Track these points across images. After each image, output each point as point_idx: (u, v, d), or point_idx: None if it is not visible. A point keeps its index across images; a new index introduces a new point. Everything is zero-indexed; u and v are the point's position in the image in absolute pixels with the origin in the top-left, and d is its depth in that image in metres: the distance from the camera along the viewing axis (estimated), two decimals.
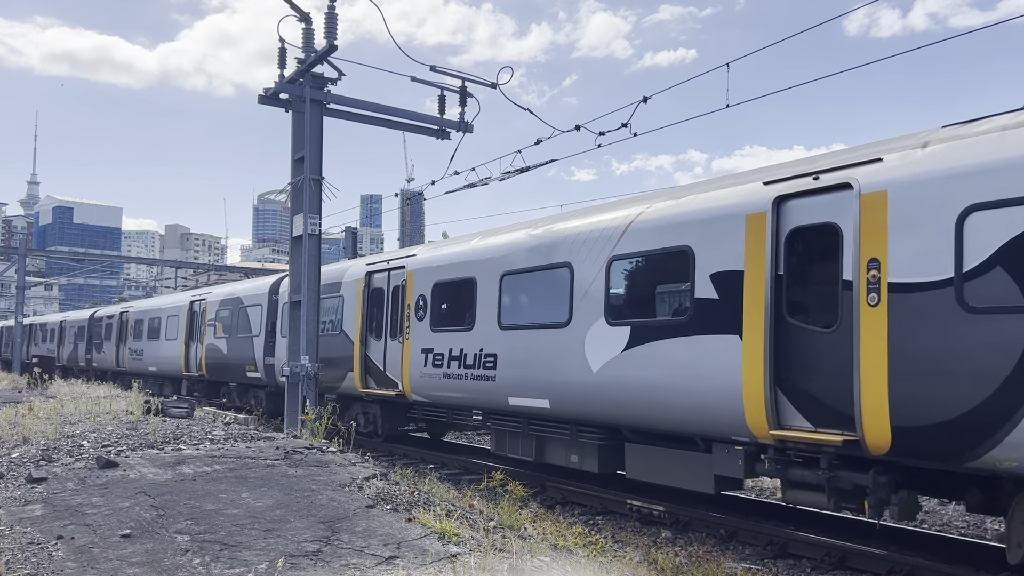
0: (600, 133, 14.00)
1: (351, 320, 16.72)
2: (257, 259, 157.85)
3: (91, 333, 37.60)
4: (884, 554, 8.30)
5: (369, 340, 16.16)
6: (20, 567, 5.21)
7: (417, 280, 14.72)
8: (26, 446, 10.05)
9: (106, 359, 35.00)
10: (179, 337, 26.91)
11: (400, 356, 14.86)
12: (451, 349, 13.44)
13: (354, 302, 16.76)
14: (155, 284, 71.10)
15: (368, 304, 16.33)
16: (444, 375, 13.56)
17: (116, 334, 33.85)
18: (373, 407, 16.60)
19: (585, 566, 5.96)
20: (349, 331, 16.82)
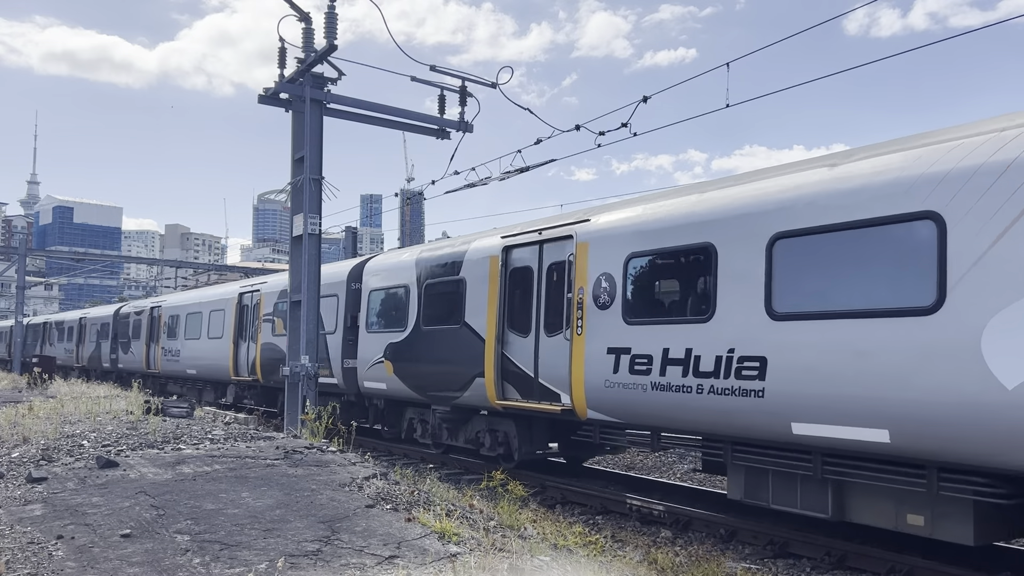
0: (600, 133, 14.01)
1: (478, 310, 13.10)
2: (257, 259, 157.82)
3: (116, 331, 33.97)
4: (884, 554, 8.30)
5: (508, 336, 12.57)
6: (20, 567, 5.22)
7: (596, 253, 10.97)
8: (26, 446, 10.05)
9: (134, 360, 31.47)
10: (225, 335, 23.31)
11: (566, 358, 11.21)
12: (667, 349, 9.68)
13: (482, 286, 13.08)
14: (155, 284, 71.09)
15: (507, 288, 12.71)
16: (654, 386, 9.77)
17: (146, 332, 30.32)
18: (504, 424, 13.23)
19: (585, 566, 5.96)
20: (476, 324, 13.11)
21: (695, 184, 10.71)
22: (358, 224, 38.42)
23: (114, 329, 34.16)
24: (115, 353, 33.81)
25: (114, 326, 34.27)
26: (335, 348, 17.46)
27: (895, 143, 8.25)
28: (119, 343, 33.48)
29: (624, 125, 13.59)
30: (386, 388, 15.62)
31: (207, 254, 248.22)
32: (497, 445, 13.45)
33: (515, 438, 13.05)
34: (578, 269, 11.22)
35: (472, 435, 14.06)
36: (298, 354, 13.22)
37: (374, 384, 16.01)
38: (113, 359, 33.95)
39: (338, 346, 17.35)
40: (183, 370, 26.70)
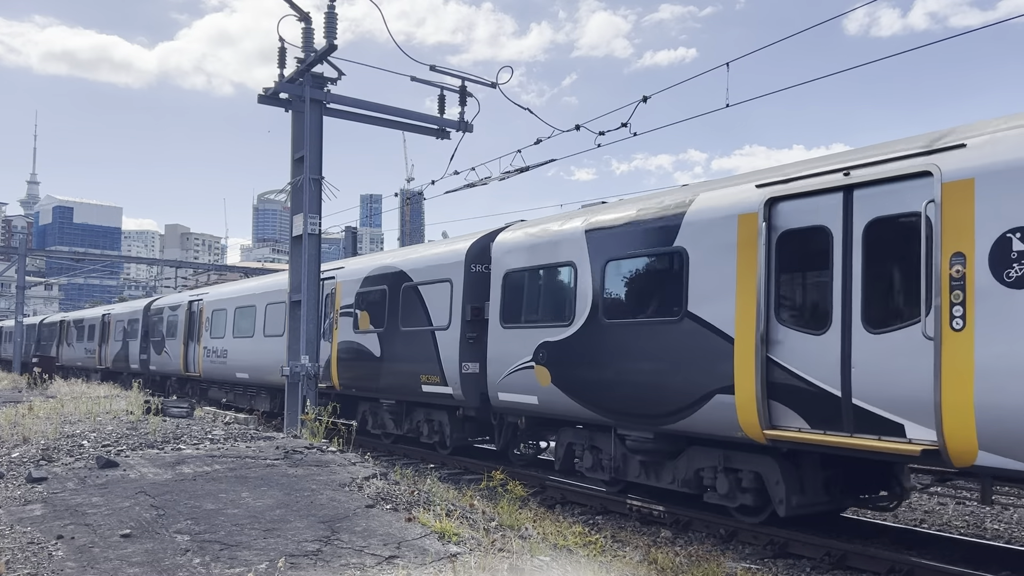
0: (600, 133, 14.01)
1: (714, 294, 9.25)
2: (257, 259, 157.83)
3: (147, 328, 30.23)
4: (884, 554, 8.30)
5: (780, 333, 8.62)
6: (20, 567, 5.22)
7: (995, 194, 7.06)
8: (26, 446, 10.05)
9: (169, 362, 27.76)
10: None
11: (925, 367, 7.40)
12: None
13: (722, 259, 9.19)
14: (155, 284, 71.09)
15: (777, 262, 8.76)
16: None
17: (184, 329, 26.64)
18: (757, 462, 9.25)
19: (585, 566, 5.96)
20: (711, 316, 9.25)
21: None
22: (358, 224, 38.41)
23: (144, 326, 30.45)
24: (145, 354, 30.28)
25: (144, 323, 30.55)
26: (448, 348, 13.93)
27: None
28: (150, 342, 30.04)
29: (624, 125, 13.60)
30: (537, 402, 11.78)
31: (207, 254, 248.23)
32: (738, 492, 9.43)
33: (779, 485, 8.94)
34: (951, 223, 7.30)
35: (689, 474, 10.05)
36: (298, 354, 13.22)
37: (515, 397, 12.24)
38: (143, 360, 30.36)
39: (453, 345, 13.82)
40: (231, 373, 22.89)
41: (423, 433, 15.42)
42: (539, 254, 12.16)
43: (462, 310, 13.73)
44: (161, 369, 28.67)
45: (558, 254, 11.72)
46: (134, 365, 31.04)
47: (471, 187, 16.34)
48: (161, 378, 29.45)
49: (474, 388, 13.61)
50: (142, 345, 30.47)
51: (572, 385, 11.15)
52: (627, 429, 10.61)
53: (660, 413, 9.80)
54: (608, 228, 10.95)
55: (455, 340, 13.79)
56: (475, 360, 13.60)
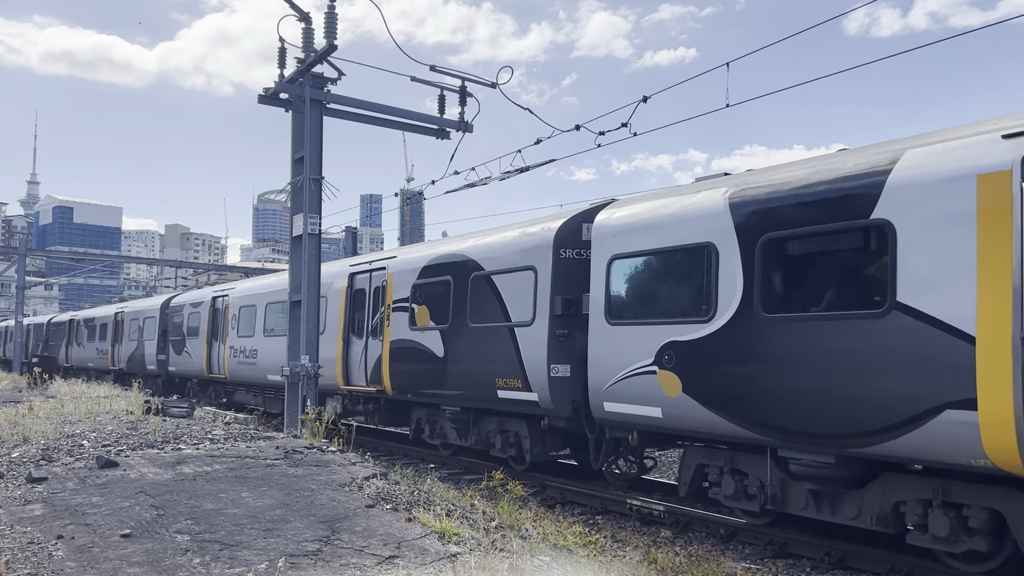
0: (600, 133, 14.01)
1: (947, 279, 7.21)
2: (257, 259, 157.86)
3: (165, 327, 28.45)
4: (884, 554, 8.30)
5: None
6: (20, 567, 5.22)
7: None
8: (26, 446, 10.06)
9: (190, 363, 26.06)
10: (330, 330, 17.53)
11: None
12: None
13: (957, 234, 7.18)
14: (155, 284, 71.11)
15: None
16: None
17: (207, 328, 24.89)
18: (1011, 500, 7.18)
19: (585, 566, 5.96)
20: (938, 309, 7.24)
21: None
22: (358, 224, 38.43)
23: (162, 325, 28.59)
24: (163, 354, 28.55)
25: (162, 322, 28.78)
26: (532, 347, 11.96)
27: None
28: (169, 342, 28.34)
29: (624, 125, 13.59)
30: (660, 416, 9.70)
31: (207, 254, 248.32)
32: (962, 533, 7.47)
33: None
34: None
35: (885, 509, 8.02)
36: (298, 354, 13.22)
37: (627, 408, 10.18)
38: (161, 361, 28.60)
39: (538, 344, 11.83)
40: (262, 376, 21.04)
41: (495, 445, 13.45)
42: (660, 234, 10.01)
43: (550, 303, 11.78)
44: (181, 370, 27.13)
45: (690, 233, 9.55)
46: (151, 366, 29.18)
47: (471, 187, 16.34)
48: (181, 380, 28.02)
49: (565, 395, 11.63)
50: (160, 345, 28.75)
51: (713, 395, 8.99)
52: (793, 451, 8.49)
53: (850, 432, 7.72)
54: (765, 199, 8.78)
55: (541, 338, 11.82)
56: (566, 362, 11.71)
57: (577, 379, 11.54)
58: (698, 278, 9.45)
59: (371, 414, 16.77)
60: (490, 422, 13.64)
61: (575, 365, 11.62)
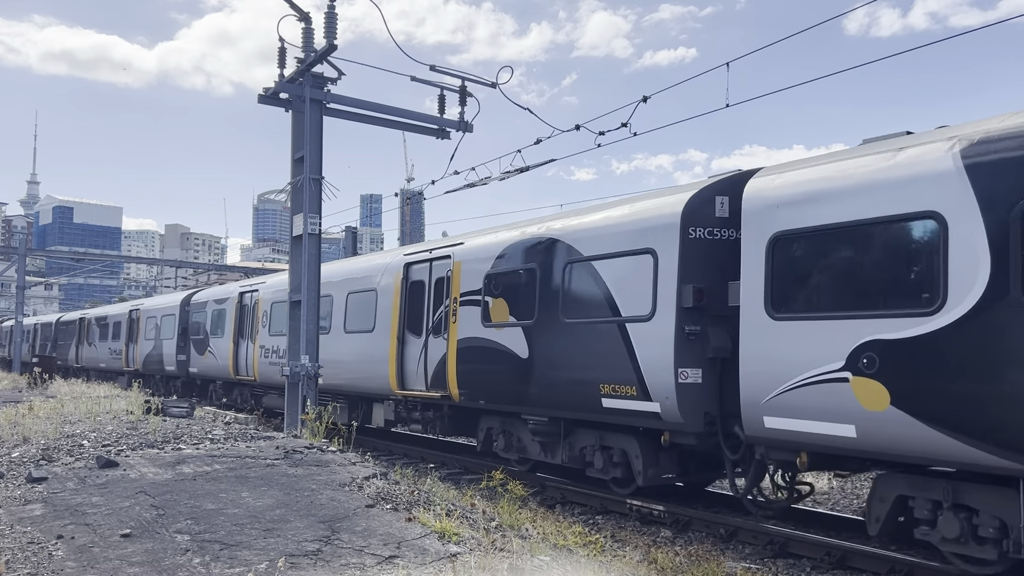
0: (600, 133, 14.02)
1: None
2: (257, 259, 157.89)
3: (185, 325, 26.73)
4: (884, 554, 8.30)
5: None
6: (20, 567, 5.22)
7: None
8: (26, 446, 10.06)
9: (214, 364, 24.13)
10: (380, 327, 15.53)
11: None
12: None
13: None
14: (155, 284, 71.13)
15: None
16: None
17: (234, 326, 23.02)
18: None
19: (585, 565, 5.96)
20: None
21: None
22: (358, 224, 38.45)
23: (182, 323, 26.60)
24: (184, 354, 26.76)
25: (182, 320, 26.99)
26: (653, 348, 9.96)
27: None
28: (190, 341, 26.59)
29: (624, 125, 13.60)
30: (854, 435, 7.76)
31: (207, 254, 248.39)
32: None
33: None
34: None
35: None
36: (298, 354, 13.22)
37: (803, 424, 8.24)
38: (181, 361, 26.81)
39: (662, 344, 9.85)
40: None
41: (593, 464, 11.41)
42: (849, 204, 8.02)
43: (677, 293, 9.72)
44: (204, 372, 25.17)
45: (898, 201, 7.64)
46: (170, 367, 27.36)
47: (471, 187, 16.35)
48: (203, 382, 26.08)
49: (697, 406, 9.64)
50: (179, 344, 26.89)
51: (939, 409, 7.12)
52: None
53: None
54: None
55: (666, 337, 9.77)
56: (697, 365, 9.69)
57: (711, 387, 9.67)
58: (915, 259, 7.59)
59: (431, 422, 14.72)
60: (587, 436, 11.53)
61: (708, 369, 9.71)
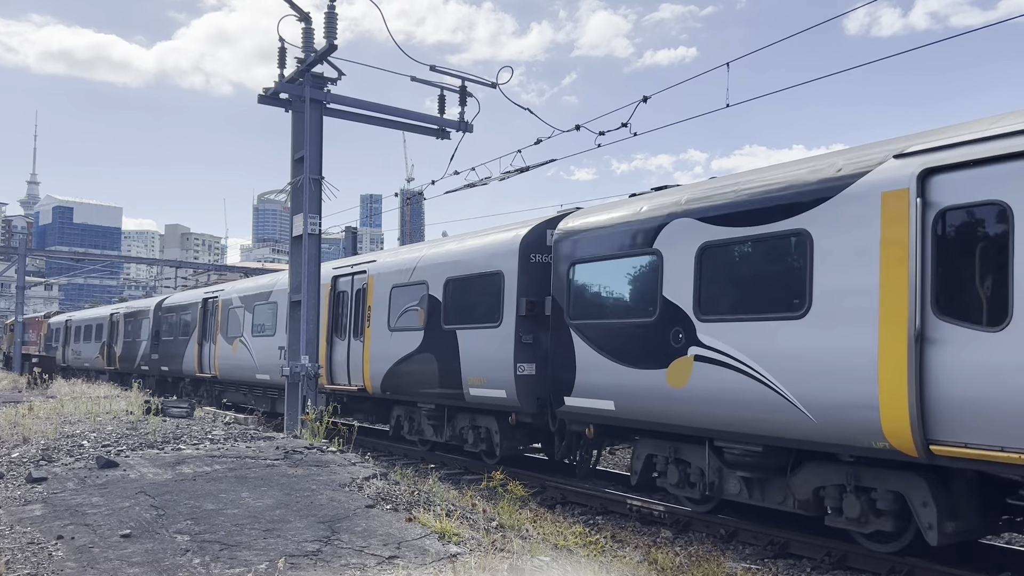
0: (600, 133, 14.01)
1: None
2: (257, 259, 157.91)
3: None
4: (884, 554, 8.29)
5: None
6: (20, 567, 5.21)
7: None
8: (26, 446, 10.06)
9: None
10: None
11: None
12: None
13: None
14: (155, 284, 71.12)
15: None
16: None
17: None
18: None
19: (585, 566, 5.95)
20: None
21: None
22: (358, 224, 38.43)
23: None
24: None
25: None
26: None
27: None
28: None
29: (624, 125, 13.59)
30: None
31: (207, 254, 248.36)
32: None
33: None
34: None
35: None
36: (298, 354, 13.22)
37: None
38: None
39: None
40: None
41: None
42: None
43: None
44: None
45: None
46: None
47: (471, 187, 16.34)
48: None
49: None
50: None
51: None
52: None
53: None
54: None
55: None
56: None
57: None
58: None
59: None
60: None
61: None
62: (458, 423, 14.24)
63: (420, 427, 15.26)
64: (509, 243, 12.73)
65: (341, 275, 17.33)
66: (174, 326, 27.06)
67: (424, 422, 15.07)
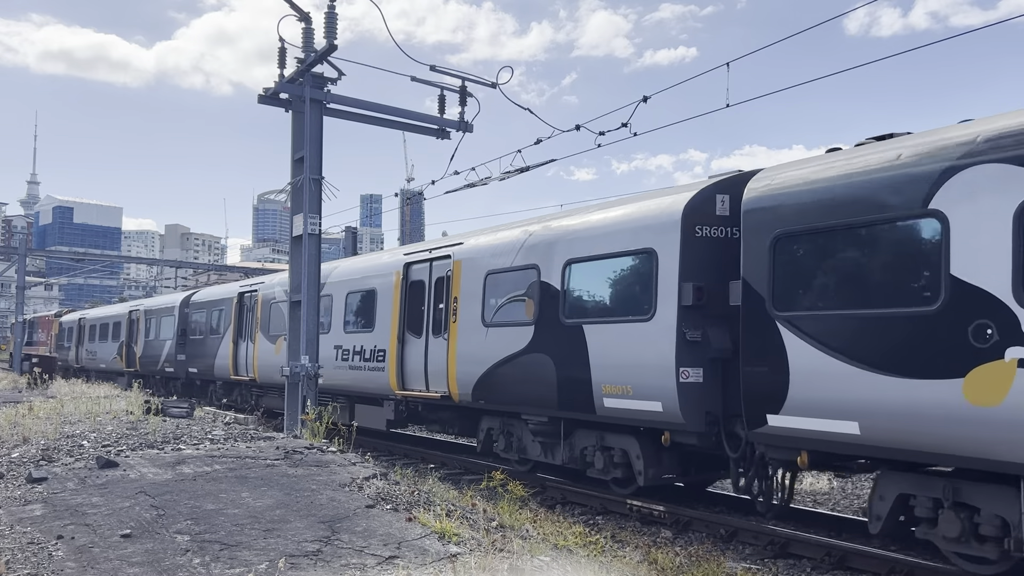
0: (600, 133, 14.01)
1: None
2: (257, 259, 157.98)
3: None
4: (884, 554, 8.29)
5: None
6: (20, 567, 5.21)
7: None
8: (26, 446, 10.06)
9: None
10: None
11: None
12: None
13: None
14: (155, 284, 71.12)
15: None
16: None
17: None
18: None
19: (585, 566, 5.96)
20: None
21: None
22: (358, 224, 38.41)
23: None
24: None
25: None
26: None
27: None
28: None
29: (624, 125, 13.59)
30: None
31: (207, 254, 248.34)
32: None
33: None
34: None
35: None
36: (298, 354, 13.21)
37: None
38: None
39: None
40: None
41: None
42: None
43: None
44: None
45: None
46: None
47: (471, 187, 16.34)
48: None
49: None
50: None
51: None
52: None
53: None
54: None
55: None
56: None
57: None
58: None
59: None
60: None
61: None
62: (579, 442, 11.50)
63: (522, 444, 12.60)
64: (666, 212, 10.02)
65: (416, 261, 14.98)
66: (204, 324, 24.75)
67: (528, 438, 12.37)
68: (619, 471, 10.88)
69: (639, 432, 10.50)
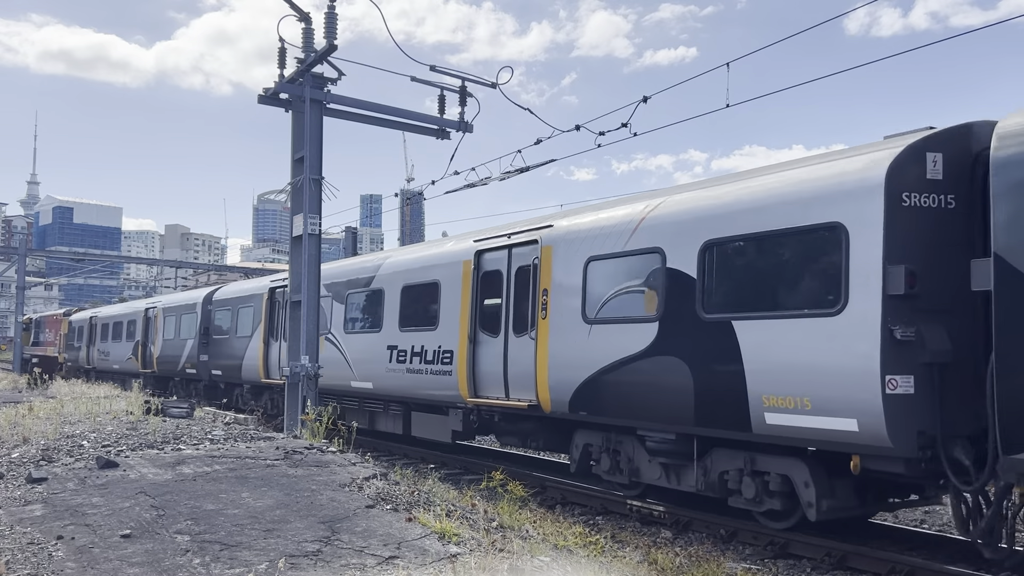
0: (600, 133, 14.01)
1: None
2: (257, 259, 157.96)
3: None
4: (884, 554, 8.30)
5: None
6: (20, 567, 5.22)
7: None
8: (26, 446, 10.06)
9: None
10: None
11: None
12: None
13: None
14: (155, 284, 71.15)
15: None
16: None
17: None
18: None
19: (585, 566, 5.96)
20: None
21: None
22: (358, 224, 38.40)
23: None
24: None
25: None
26: None
27: None
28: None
29: (624, 125, 13.60)
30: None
31: (207, 254, 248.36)
32: None
33: None
34: None
35: None
36: (298, 354, 13.21)
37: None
38: None
39: None
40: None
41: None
42: None
43: None
44: None
45: None
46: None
47: (471, 187, 16.34)
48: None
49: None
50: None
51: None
52: None
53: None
54: None
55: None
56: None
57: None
58: None
59: None
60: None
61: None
62: (718, 464, 9.51)
63: (634, 465, 10.67)
64: (859, 176, 7.96)
65: (491, 248, 12.97)
66: (229, 322, 22.93)
67: (643, 459, 10.49)
68: (777, 501, 8.91)
69: (805, 454, 8.67)
